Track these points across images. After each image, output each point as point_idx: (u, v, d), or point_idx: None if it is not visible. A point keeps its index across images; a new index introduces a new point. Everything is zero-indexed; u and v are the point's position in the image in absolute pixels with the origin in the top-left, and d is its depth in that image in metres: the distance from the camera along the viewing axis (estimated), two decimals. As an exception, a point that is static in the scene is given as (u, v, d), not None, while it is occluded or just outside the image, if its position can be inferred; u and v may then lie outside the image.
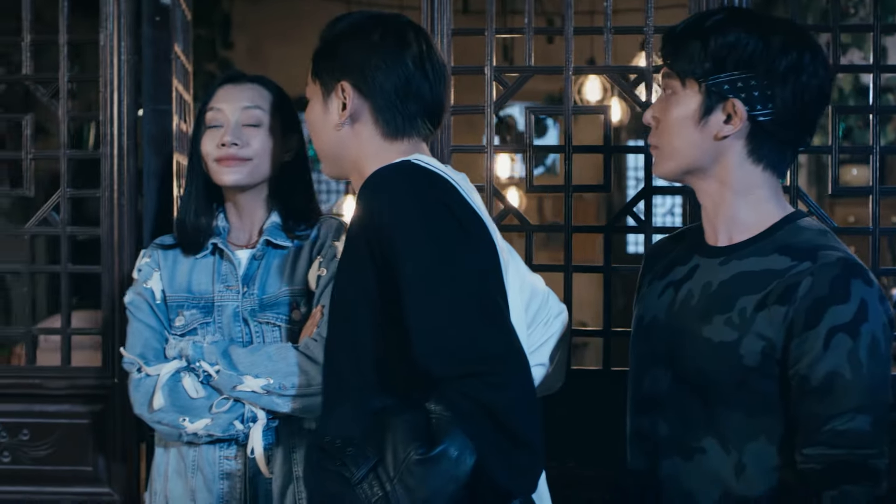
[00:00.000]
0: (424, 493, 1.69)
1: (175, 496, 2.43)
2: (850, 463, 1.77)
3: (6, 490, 2.95)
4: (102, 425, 2.93)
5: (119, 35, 2.88)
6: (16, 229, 3.08)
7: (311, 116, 2.08)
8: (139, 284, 2.47)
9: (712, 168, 1.95)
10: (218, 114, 2.41)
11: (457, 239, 1.84)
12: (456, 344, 1.76)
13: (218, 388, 2.34)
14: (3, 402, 2.96)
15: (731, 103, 1.90)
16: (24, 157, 2.96)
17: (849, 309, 1.79)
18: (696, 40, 1.92)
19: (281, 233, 2.44)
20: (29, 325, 2.97)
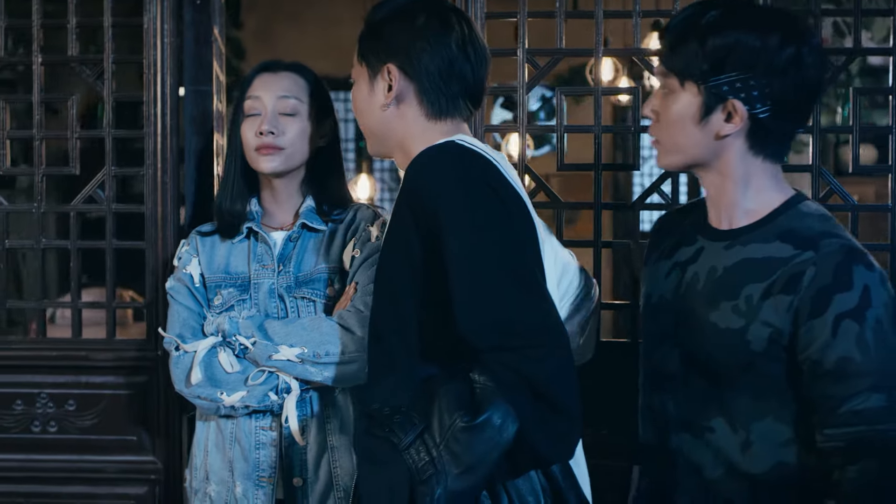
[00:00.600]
0: (469, 458, 1.79)
1: (215, 469, 2.55)
2: (870, 439, 1.85)
3: (53, 458, 3.06)
4: (146, 396, 3.03)
5: (162, 18, 2.97)
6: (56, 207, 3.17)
7: (358, 97, 2.16)
8: (179, 271, 2.59)
9: (714, 162, 2.01)
10: (256, 102, 2.51)
11: (499, 216, 1.93)
12: (498, 317, 1.85)
13: (254, 360, 2.44)
14: (50, 373, 3.05)
15: (732, 103, 1.94)
16: (69, 136, 3.05)
17: (853, 296, 1.86)
18: (693, 41, 1.95)
19: (316, 216, 2.55)
20: (76, 299, 3.07)
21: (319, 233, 2.56)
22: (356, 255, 2.51)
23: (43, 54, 3.04)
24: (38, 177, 3.06)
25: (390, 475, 1.83)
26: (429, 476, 1.79)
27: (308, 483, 2.50)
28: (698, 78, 1.95)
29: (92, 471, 3.05)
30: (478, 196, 1.93)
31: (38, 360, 3.06)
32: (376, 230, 2.53)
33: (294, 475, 2.49)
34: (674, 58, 1.98)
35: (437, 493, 1.78)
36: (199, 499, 2.58)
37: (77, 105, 3.06)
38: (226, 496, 2.53)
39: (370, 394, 1.99)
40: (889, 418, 1.86)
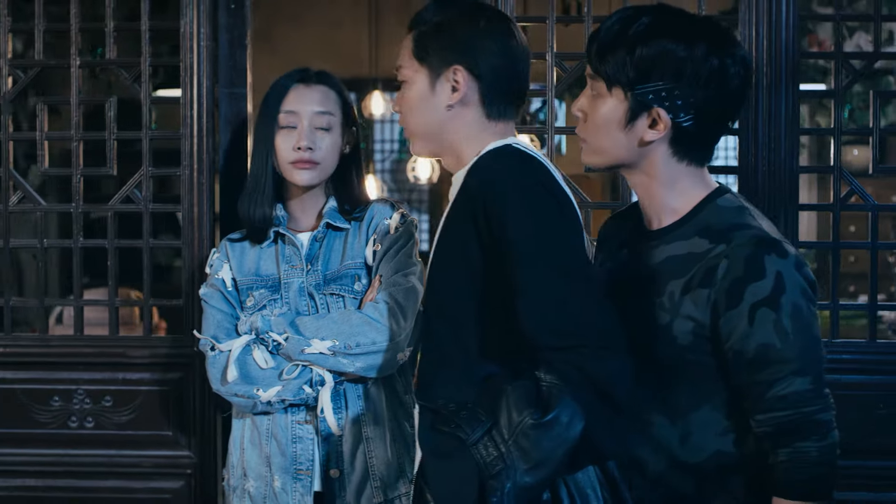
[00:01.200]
0: (538, 454, 1.86)
1: (252, 465, 2.61)
2: (797, 421, 1.92)
3: (89, 453, 3.12)
4: (181, 392, 3.09)
5: (199, 21, 3.03)
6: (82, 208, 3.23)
7: (412, 97, 2.18)
8: (211, 277, 2.66)
9: (639, 164, 2.06)
10: (291, 116, 2.57)
11: (559, 219, 2.00)
12: (565, 318, 1.91)
13: (287, 355, 2.51)
14: (86, 370, 3.12)
15: (656, 111, 1.98)
16: (107, 138, 3.11)
17: (766, 284, 1.91)
18: (621, 49, 1.98)
19: (339, 215, 2.63)
20: (112, 297, 3.13)
21: (343, 231, 2.63)
22: (377, 249, 2.59)
23: (81, 57, 3.10)
24: (76, 177, 3.11)
25: (459, 469, 1.89)
26: (498, 471, 1.86)
27: (345, 474, 2.56)
28: (625, 85, 1.99)
29: (128, 465, 3.12)
30: (540, 200, 1.99)
31: (74, 357, 3.13)
32: (394, 222, 2.61)
33: (331, 467, 2.56)
34: (602, 64, 2.01)
35: (507, 487, 1.85)
36: (238, 496, 2.65)
37: (115, 107, 3.12)
38: (264, 491, 2.60)
39: (431, 390, 2.04)
40: (814, 400, 1.92)
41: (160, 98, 3.12)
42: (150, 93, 3.08)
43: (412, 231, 2.62)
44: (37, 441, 3.13)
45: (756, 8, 2.91)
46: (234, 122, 3.09)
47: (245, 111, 3.10)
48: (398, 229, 2.59)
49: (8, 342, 3.15)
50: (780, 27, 2.90)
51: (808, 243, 3.20)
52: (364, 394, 2.58)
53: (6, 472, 3.14)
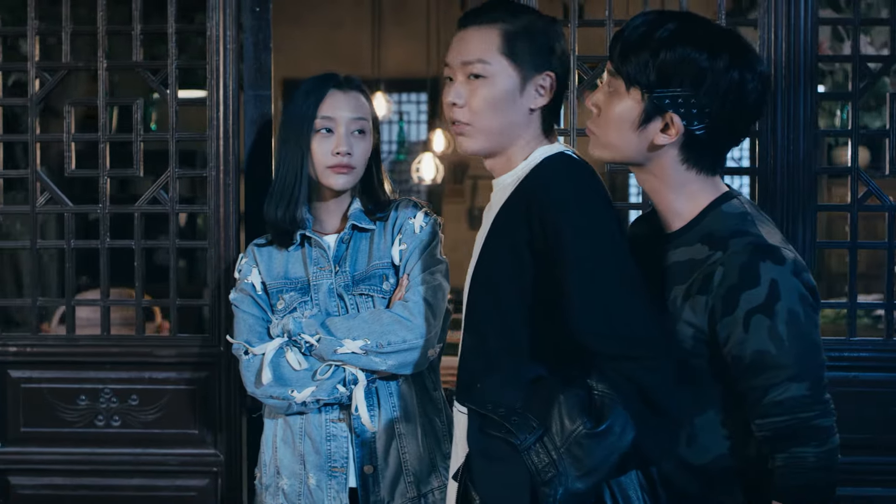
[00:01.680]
0: (590, 463, 1.91)
1: (285, 464, 2.66)
2: (794, 427, 1.95)
3: (116, 452, 3.16)
4: (208, 391, 3.13)
5: (224, 25, 3.07)
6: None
7: (494, 94, 2.16)
8: (241, 282, 2.70)
9: (647, 165, 2.10)
10: (328, 121, 2.60)
11: (614, 228, 2.05)
12: (621, 328, 1.96)
13: (320, 356, 2.56)
14: (113, 369, 3.15)
15: (670, 116, 2.01)
16: (133, 139, 3.14)
17: (760, 292, 1.93)
18: (645, 51, 2.00)
19: (364, 217, 2.67)
20: (140, 298, 3.17)
21: (368, 232, 2.67)
22: (403, 248, 2.63)
23: (108, 60, 3.13)
24: (103, 178, 3.15)
25: (510, 473, 1.94)
26: (550, 478, 1.91)
27: (379, 470, 2.61)
28: (644, 87, 2.01)
29: (154, 464, 3.15)
30: (597, 210, 2.05)
31: (101, 357, 3.16)
32: (419, 221, 2.65)
33: (365, 463, 2.61)
34: (625, 63, 2.03)
35: (559, 493, 1.90)
36: (272, 493, 2.69)
37: (141, 109, 3.15)
38: (299, 488, 2.64)
39: (478, 393, 2.07)
40: (812, 406, 1.95)
41: (186, 99, 3.13)
42: (177, 95, 3.12)
43: (437, 229, 2.66)
44: (63, 440, 3.17)
45: (775, 12, 2.96)
46: (259, 124, 3.12)
47: (269, 113, 3.13)
48: (423, 228, 2.64)
49: (35, 342, 3.18)
50: (798, 31, 2.95)
51: (824, 243, 3.23)
52: (396, 391, 2.63)
53: (33, 471, 3.18)
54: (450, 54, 2.21)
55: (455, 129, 2.21)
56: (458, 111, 2.19)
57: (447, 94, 2.20)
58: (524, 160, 2.18)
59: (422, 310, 2.55)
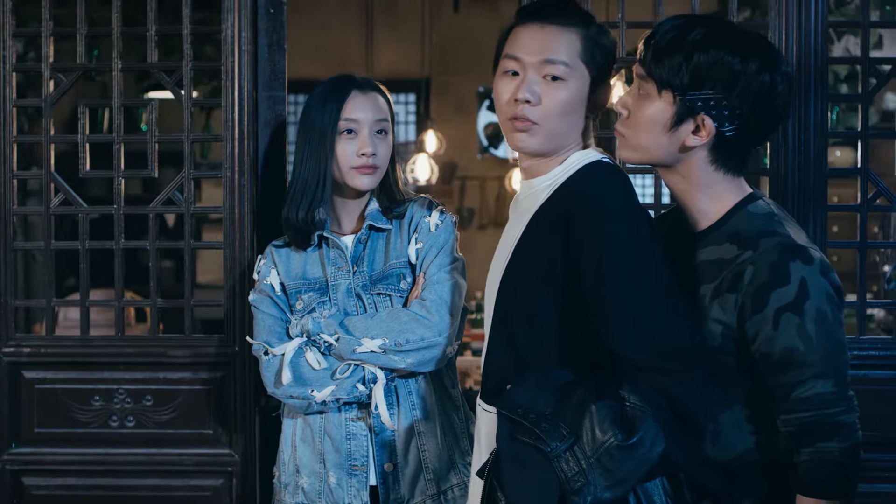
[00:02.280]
0: (620, 474, 1.95)
1: (304, 462, 2.68)
2: (819, 422, 2.00)
3: (130, 452, 3.16)
4: (222, 391, 3.14)
5: (240, 26, 3.08)
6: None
7: (571, 98, 2.16)
8: (260, 283, 2.72)
9: (676, 166, 2.14)
10: (353, 123, 2.63)
11: (652, 239, 2.08)
12: (655, 339, 2.00)
13: (339, 356, 2.58)
14: (127, 370, 3.16)
15: (702, 118, 2.05)
16: (148, 140, 3.15)
17: (790, 290, 1.99)
18: (678, 54, 2.04)
19: (381, 216, 2.69)
20: (155, 298, 3.17)
21: (385, 231, 2.70)
22: (419, 247, 2.66)
23: (122, 61, 3.14)
24: (117, 179, 3.15)
25: (540, 480, 1.97)
26: (580, 486, 1.94)
27: (399, 468, 2.63)
28: (677, 89, 2.05)
29: (169, 464, 3.16)
30: (638, 221, 2.08)
31: (115, 357, 3.16)
32: (434, 220, 2.67)
33: (385, 461, 2.63)
34: (657, 66, 2.06)
35: (588, 501, 1.94)
36: (291, 492, 2.71)
37: (155, 110, 3.16)
38: (319, 487, 2.66)
39: (509, 397, 2.09)
40: (837, 402, 2.00)
41: (200, 101, 3.14)
42: (192, 96, 3.13)
43: (452, 228, 2.68)
44: (77, 440, 3.17)
45: (786, 15, 3.00)
46: (273, 125, 3.13)
47: (284, 114, 3.15)
48: (438, 227, 2.66)
49: (49, 343, 3.18)
50: (808, 34, 2.99)
51: (834, 243, 3.28)
52: (415, 389, 2.65)
53: (47, 472, 3.18)
54: (523, 49, 2.17)
55: (517, 125, 2.18)
56: (528, 109, 2.16)
57: (515, 90, 2.16)
58: (560, 164, 2.20)
59: (439, 307, 2.57)
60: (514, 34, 2.21)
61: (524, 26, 2.20)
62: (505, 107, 2.19)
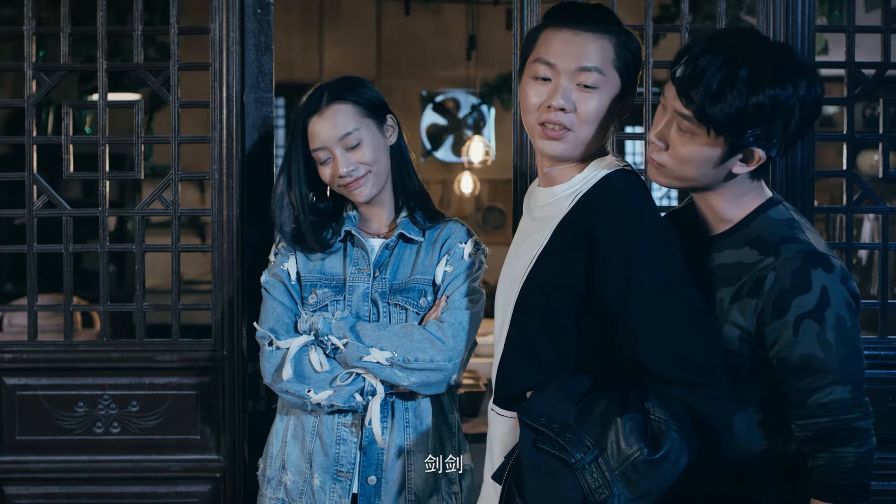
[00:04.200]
0: (645, 487, 1.96)
1: (292, 459, 2.65)
2: (836, 428, 2.02)
3: (116, 459, 3.10)
4: (210, 395, 3.09)
5: (228, 27, 3.04)
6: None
7: (603, 106, 2.17)
8: (276, 266, 2.67)
9: (713, 187, 2.15)
10: (322, 152, 2.60)
11: (676, 249, 2.09)
12: (683, 352, 2.00)
13: (344, 361, 2.54)
14: (112, 375, 3.10)
15: (753, 150, 2.06)
16: (134, 141, 3.10)
17: (811, 297, 2.02)
18: (734, 100, 1.99)
19: (414, 228, 2.65)
20: (140, 302, 3.12)
21: (415, 244, 2.65)
22: (448, 270, 2.62)
23: (108, 61, 3.08)
24: (102, 181, 3.09)
25: (564, 490, 1.97)
26: (604, 498, 1.94)
27: (382, 482, 2.60)
28: (731, 133, 2.02)
29: (155, 470, 3.11)
30: (662, 232, 2.10)
31: (100, 363, 3.10)
32: (469, 247, 2.64)
33: (370, 473, 2.60)
34: (711, 112, 2.01)
35: None
36: (273, 487, 2.68)
37: (141, 111, 3.11)
38: (302, 486, 2.63)
39: (530, 405, 2.08)
40: (854, 409, 2.03)
41: (188, 102, 3.09)
42: (178, 97, 3.08)
43: (483, 260, 2.66)
44: (61, 448, 3.10)
45: (773, 20, 3.02)
46: (260, 127, 3.10)
47: (271, 116, 3.11)
48: (472, 256, 2.63)
49: (31, 348, 3.12)
50: (794, 38, 3.01)
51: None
52: (412, 407, 2.62)
53: (29, 480, 3.11)
54: (557, 55, 2.15)
55: (548, 132, 2.17)
56: (562, 115, 2.15)
57: (549, 97, 2.15)
58: (580, 172, 2.20)
59: (457, 333, 2.53)
60: (546, 38, 2.18)
61: (557, 30, 2.17)
62: (535, 112, 2.18)
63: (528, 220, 2.32)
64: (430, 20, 9.18)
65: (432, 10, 9.20)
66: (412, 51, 9.21)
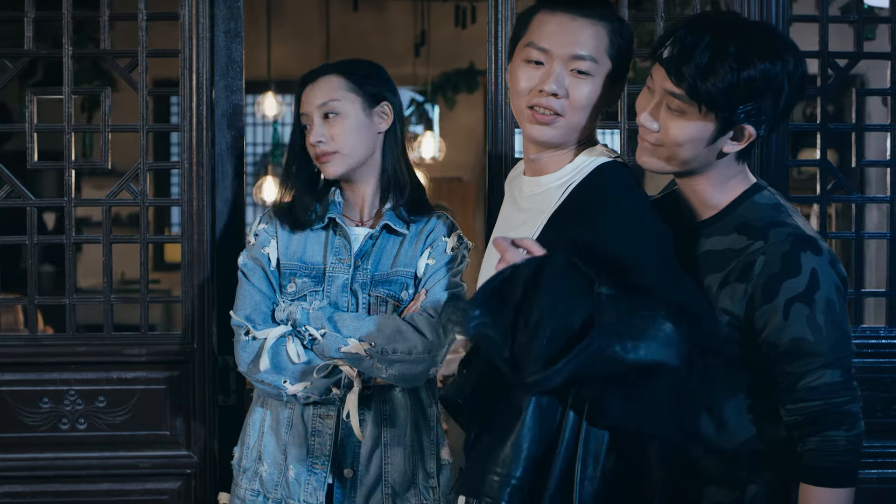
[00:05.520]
0: (635, 334, 1.91)
1: (268, 450, 2.59)
2: (827, 412, 2.02)
3: (82, 456, 3.02)
4: (180, 390, 3.02)
5: (198, 13, 2.97)
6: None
7: (595, 93, 2.16)
8: (256, 249, 2.60)
9: (702, 169, 2.13)
10: (305, 118, 2.61)
11: (672, 245, 2.09)
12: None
13: (321, 352, 2.49)
14: (78, 370, 3.01)
15: (744, 127, 2.06)
16: (101, 130, 3.02)
17: (801, 281, 2.01)
18: (726, 74, 1.99)
19: (399, 220, 2.60)
20: (108, 294, 3.04)
21: (399, 236, 2.61)
22: (430, 263, 2.59)
23: (74, 48, 3.00)
24: (68, 171, 3.01)
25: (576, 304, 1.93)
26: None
27: (358, 475, 2.56)
28: (720, 108, 2.02)
29: (124, 467, 3.03)
30: (660, 228, 2.10)
31: (66, 357, 3.01)
32: (452, 242, 2.61)
33: (346, 466, 2.56)
34: (703, 87, 2.00)
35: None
36: (248, 477, 2.62)
37: (109, 98, 3.03)
38: (277, 478, 2.58)
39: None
40: (843, 392, 2.02)
41: (156, 90, 3.03)
42: (147, 84, 3.01)
43: (465, 255, 2.63)
44: (25, 445, 3.01)
45: (748, 10, 3.02)
46: (230, 116, 3.03)
47: (241, 104, 3.05)
48: (455, 250, 2.60)
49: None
50: (769, 27, 3.02)
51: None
52: (389, 399, 2.58)
53: (-7, 478, 3.01)
54: (551, 40, 2.13)
55: (538, 117, 2.15)
56: (554, 101, 2.14)
57: (541, 82, 2.13)
58: (570, 162, 2.18)
59: (435, 325, 2.49)
60: (540, 21, 2.16)
61: (551, 14, 2.15)
62: (526, 95, 2.15)
63: (514, 209, 2.29)
64: (376, 18, 9.11)
65: (377, 7, 9.13)
66: (358, 49, 9.14)
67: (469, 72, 9.00)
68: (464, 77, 9.04)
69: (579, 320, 1.86)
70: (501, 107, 2.95)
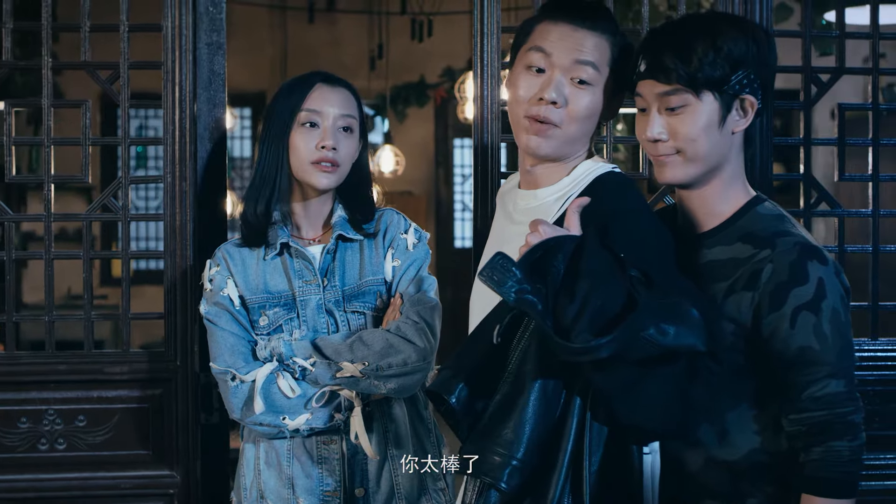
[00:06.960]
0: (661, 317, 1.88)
1: (270, 487, 2.52)
2: (831, 422, 2.02)
3: (62, 477, 2.94)
4: (162, 409, 2.95)
5: (181, 25, 2.93)
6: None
7: (594, 104, 2.16)
8: (215, 294, 2.52)
9: (720, 164, 2.14)
10: (314, 114, 2.51)
11: (674, 251, 2.08)
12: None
13: (315, 381, 2.43)
14: (58, 388, 2.94)
15: (745, 98, 2.09)
16: (82, 143, 2.96)
17: (808, 289, 2.02)
18: (705, 49, 2.05)
19: (350, 227, 2.55)
20: (89, 311, 2.97)
21: (355, 243, 2.56)
22: (396, 265, 2.55)
23: (53, 59, 2.94)
24: (47, 185, 2.94)
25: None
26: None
27: (370, 493, 2.51)
28: (715, 84, 2.06)
29: (105, 488, 2.95)
30: (663, 234, 2.10)
31: (45, 375, 2.94)
32: (411, 237, 2.58)
33: (356, 486, 2.51)
34: (688, 68, 2.05)
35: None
36: None
37: (90, 111, 2.97)
38: None
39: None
40: (848, 402, 2.03)
41: (138, 103, 2.97)
42: (129, 96, 2.95)
43: (427, 247, 2.59)
44: (2, 467, 2.93)
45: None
46: (213, 128, 2.98)
47: (224, 117, 3.00)
48: (416, 245, 2.57)
49: (-30, 361, 2.94)
50: (752, 42, 3.03)
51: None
52: (388, 412, 2.54)
53: (-33, 501, 2.93)
54: (554, 46, 2.12)
55: (537, 128, 2.14)
56: (552, 111, 2.12)
57: (541, 89, 2.12)
58: (567, 174, 2.17)
59: (422, 329, 2.44)
60: (543, 30, 2.15)
61: (554, 24, 2.14)
62: (524, 104, 2.14)
63: (507, 222, 2.26)
64: (331, 30, 9.06)
65: (332, 20, 9.08)
66: (312, 62, 9.06)
67: (420, 85, 9.00)
68: (414, 91, 9.04)
69: (622, 297, 1.86)
70: (488, 121, 2.93)
